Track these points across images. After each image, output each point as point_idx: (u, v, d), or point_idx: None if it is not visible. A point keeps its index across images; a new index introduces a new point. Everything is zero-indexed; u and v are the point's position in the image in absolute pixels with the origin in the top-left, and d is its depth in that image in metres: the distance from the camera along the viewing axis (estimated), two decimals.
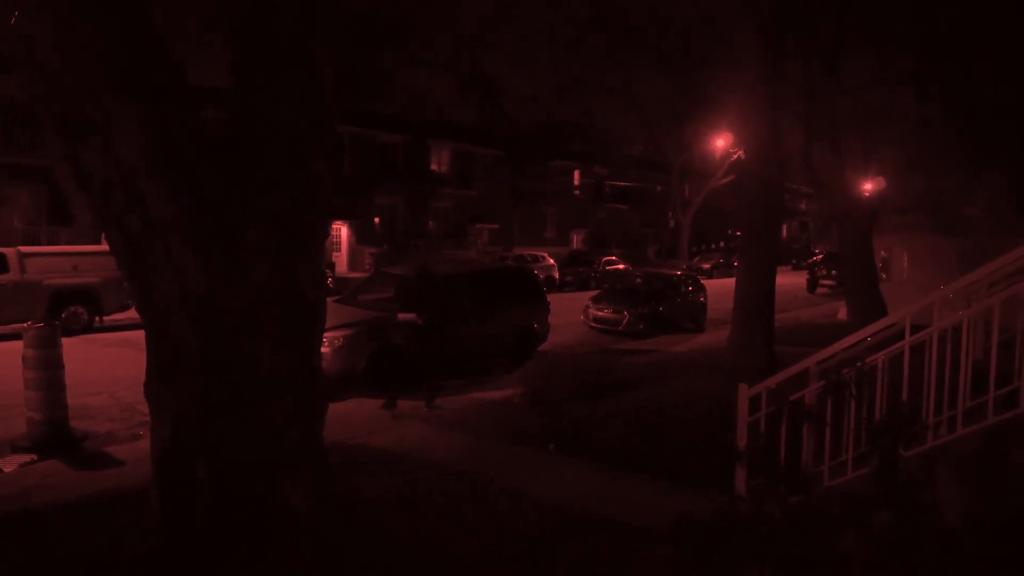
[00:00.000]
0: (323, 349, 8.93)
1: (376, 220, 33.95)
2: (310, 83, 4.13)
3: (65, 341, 7.32)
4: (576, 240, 44.81)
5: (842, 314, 18.28)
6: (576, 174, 45.50)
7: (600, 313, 16.38)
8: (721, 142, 32.15)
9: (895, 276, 19.40)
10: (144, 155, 3.67)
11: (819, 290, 29.24)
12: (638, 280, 18.73)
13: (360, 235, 33.00)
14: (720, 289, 20.54)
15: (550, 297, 14.27)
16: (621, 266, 31.18)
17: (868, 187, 22.01)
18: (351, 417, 8.26)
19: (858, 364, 4.48)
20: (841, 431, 4.78)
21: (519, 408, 9.10)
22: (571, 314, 17.25)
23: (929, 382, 4.45)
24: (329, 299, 11.20)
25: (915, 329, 4.57)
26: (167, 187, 3.73)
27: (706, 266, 36.79)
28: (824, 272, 29.72)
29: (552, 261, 29.84)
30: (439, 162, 37.98)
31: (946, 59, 15.73)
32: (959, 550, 4.16)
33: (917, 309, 4.61)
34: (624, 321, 15.89)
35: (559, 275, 28.98)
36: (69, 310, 13.65)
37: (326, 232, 4.64)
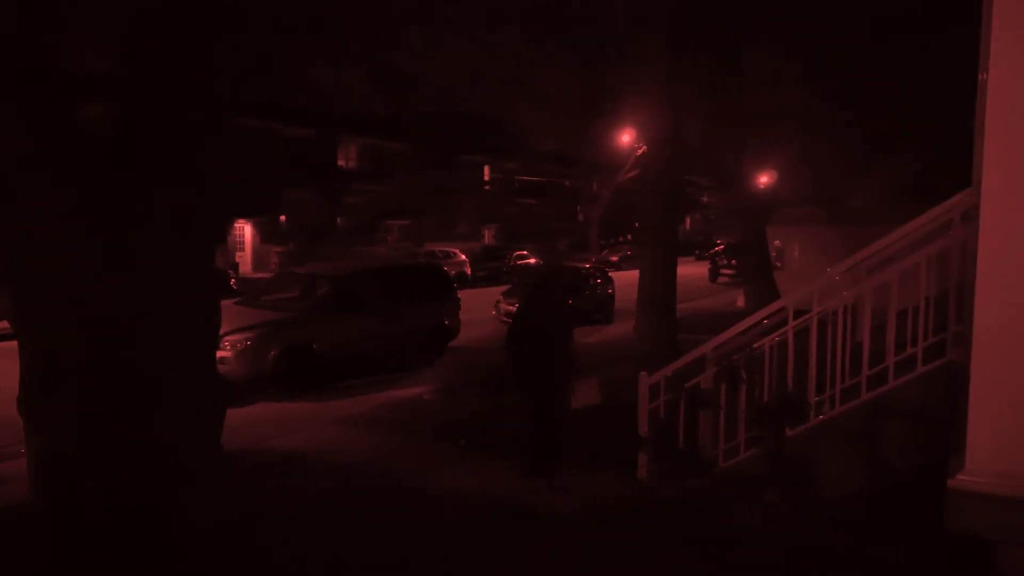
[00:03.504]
0: (225, 353, 8.75)
1: (282, 218, 32.93)
2: (204, 74, 3.98)
3: None
4: (488, 235, 44.89)
5: (740, 302, 19.17)
6: (487, 169, 45.57)
7: (511, 307, 16.50)
8: (627, 138, 32.97)
9: (788, 265, 20.45)
10: (19, 148, 3.44)
11: (720, 279, 30.48)
12: None
13: (265, 233, 31.92)
14: (628, 280, 21.08)
15: (463, 293, 14.28)
16: (532, 260, 31.51)
17: (764, 181, 23.12)
18: (258, 421, 8.04)
19: (746, 350, 4.74)
20: (735, 414, 5.04)
21: (430, 405, 9.11)
22: (484, 309, 17.32)
23: (810, 364, 4.75)
24: (231, 301, 10.99)
25: (801, 315, 4.87)
26: (45, 183, 3.51)
27: (614, 259, 37.63)
28: (725, 262, 30.97)
29: (464, 257, 29.82)
30: (349, 157, 37.16)
31: (833, 61, 16.70)
32: (841, 519, 4.48)
33: (799, 297, 4.91)
34: None
35: (471, 270, 29.02)
36: None
37: (224, 230, 4.48)
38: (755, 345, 4.90)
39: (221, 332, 8.73)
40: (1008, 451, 2.19)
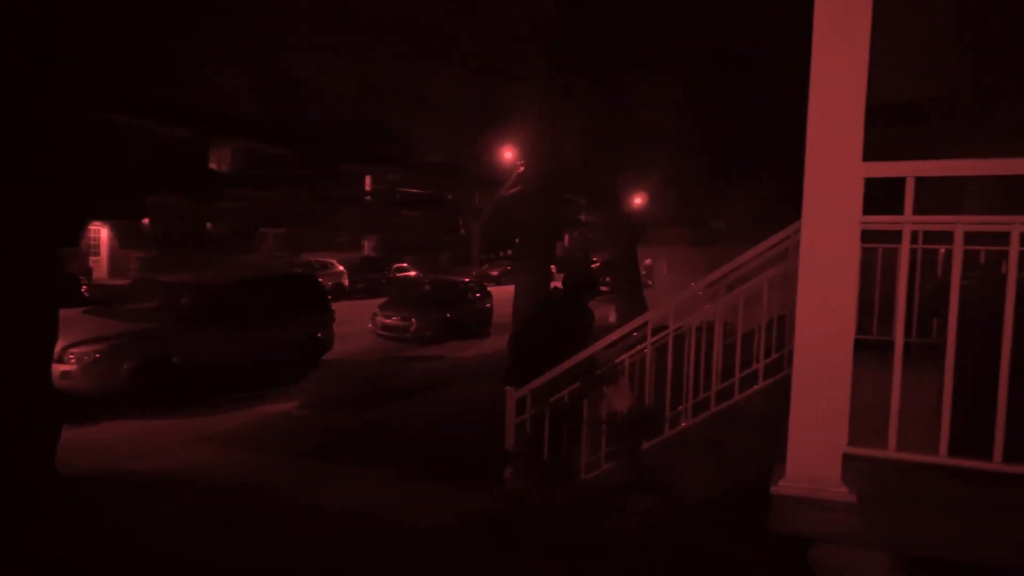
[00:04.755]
0: (70, 366, 8.12)
1: (146, 221, 30.87)
2: (42, 65, 3.69)
3: None
4: (367, 246, 44.20)
5: (612, 317, 19.95)
6: (368, 179, 44.93)
7: (388, 321, 16.35)
8: (510, 154, 33.56)
9: (658, 282, 21.51)
10: None
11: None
12: (426, 287, 18.97)
13: (124, 237, 29.79)
14: (507, 295, 21.42)
15: (340, 305, 13.99)
16: (412, 273, 31.32)
17: (638, 201, 24.21)
18: (111, 441, 7.50)
19: (608, 364, 4.95)
20: (598, 427, 5.23)
21: (302, 420, 8.86)
22: (361, 322, 17.04)
23: (667, 379, 5.03)
24: (81, 310, 10.19)
25: (662, 330, 5.14)
26: None
27: (495, 273, 38.06)
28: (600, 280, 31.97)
29: (342, 268, 29.19)
30: (225, 160, 35.40)
31: (699, 90, 17.79)
32: (693, 523, 4.76)
33: (659, 314, 5.19)
34: (412, 328, 16.01)
35: (349, 282, 28.44)
36: None
37: (75, 232, 4.17)
38: (617, 360, 5.13)
39: (67, 343, 8.16)
40: (816, 457, 2.43)
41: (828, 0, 2.35)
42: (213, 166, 34.97)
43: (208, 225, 33.79)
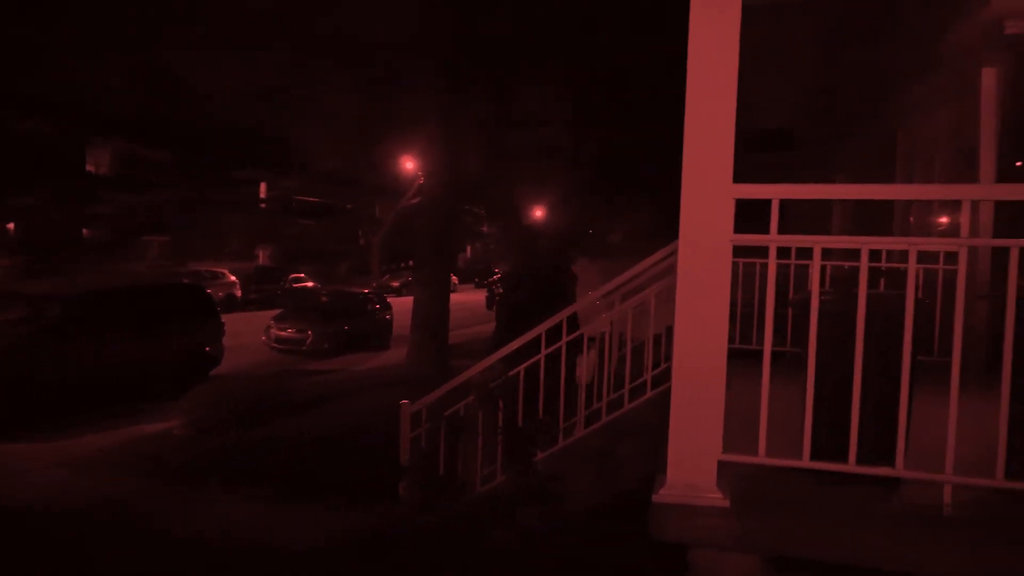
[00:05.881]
0: None
1: (10, 226, 28.47)
2: None
3: None
4: (263, 256, 42.61)
5: None
6: (263, 186, 43.37)
7: (283, 333, 15.81)
8: (411, 164, 33.30)
9: None
10: None
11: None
12: (324, 298, 18.51)
13: None
14: (408, 307, 21.18)
15: (231, 317, 13.43)
16: (309, 284, 30.47)
17: (536, 214, 24.61)
18: None
19: (503, 377, 4.98)
20: (494, 439, 5.25)
21: (182, 439, 8.41)
22: (255, 334, 16.39)
23: (559, 391, 5.11)
24: None
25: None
26: None
27: (395, 284, 37.60)
28: (501, 290, 32.22)
29: (234, 278, 28.03)
30: (103, 162, 33.17)
31: (592, 107, 18.34)
32: (584, 531, 4.84)
33: (548, 327, 5.27)
34: (308, 341, 15.55)
35: (242, 292, 27.34)
36: None
37: None
38: (511, 373, 5.16)
39: None
40: (693, 464, 2.55)
41: (700, 37, 2.50)
42: (91, 168, 32.75)
43: (84, 232, 31.58)
